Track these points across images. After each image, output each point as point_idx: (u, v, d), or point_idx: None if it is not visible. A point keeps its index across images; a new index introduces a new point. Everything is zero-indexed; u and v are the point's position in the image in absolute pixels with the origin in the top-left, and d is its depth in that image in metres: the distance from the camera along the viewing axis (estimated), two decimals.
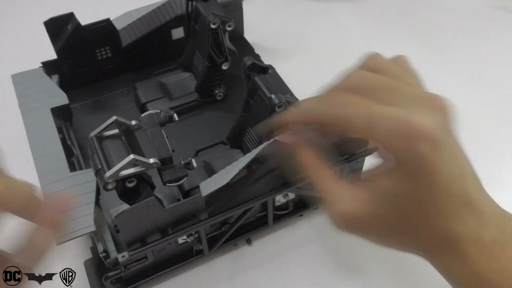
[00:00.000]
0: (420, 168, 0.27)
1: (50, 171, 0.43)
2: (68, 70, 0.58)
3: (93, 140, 0.39)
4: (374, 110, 0.28)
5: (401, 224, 0.29)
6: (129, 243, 0.40)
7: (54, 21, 0.55)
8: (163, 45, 0.62)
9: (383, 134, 0.27)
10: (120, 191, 0.39)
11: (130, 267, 0.42)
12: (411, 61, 0.32)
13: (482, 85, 0.64)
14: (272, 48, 0.70)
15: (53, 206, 0.31)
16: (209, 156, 0.50)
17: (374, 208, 0.29)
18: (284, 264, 0.47)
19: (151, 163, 0.38)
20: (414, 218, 0.28)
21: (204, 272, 0.46)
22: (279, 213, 0.48)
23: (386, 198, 0.28)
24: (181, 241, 0.44)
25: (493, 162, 0.55)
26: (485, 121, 0.59)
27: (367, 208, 0.29)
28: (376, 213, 0.29)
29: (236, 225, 0.45)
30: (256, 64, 0.46)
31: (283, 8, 0.78)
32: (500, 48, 0.69)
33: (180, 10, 0.60)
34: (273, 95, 0.43)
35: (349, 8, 0.77)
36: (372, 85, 0.29)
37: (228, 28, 0.54)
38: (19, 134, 0.51)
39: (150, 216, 0.39)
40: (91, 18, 0.57)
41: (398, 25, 0.74)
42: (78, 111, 0.58)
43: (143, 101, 0.57)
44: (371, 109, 0.28)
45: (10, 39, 0.74)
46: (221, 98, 0.59)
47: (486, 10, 0.75)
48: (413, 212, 0.28)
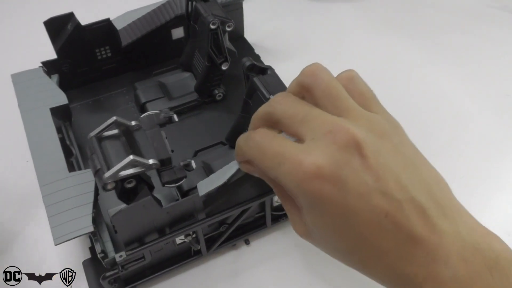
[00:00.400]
0: (329, 210, 0.25)
1: (49, 171, 0.43)
2: (68, 69, 0.58)
3: (93, 140, 0.39)
4: (277, 150, 0.27)
5: (351, 258, 0.27)
6: (126, 243, 0.40)
7: (54, 21, 0.55)
8: (163, 45, 0.62)
9: (284, 177, 0.26)
10: (119, 191, 0.39)
11: (128, 267, 0.42)
12: (357, 77, 0.30)
13: (482, 85, 0.64)
14: (272, 48, 0.70)
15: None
16: (208, 157, 0.50)
17: (319, 237, 0.28)
18: (282, 265, 0.47)
19: (150, 164, 0.38)
20: (360, 254, 0.26)
21: (202, 273, 0.46)
22: (277, 213, 0.48)
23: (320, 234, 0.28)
24: (179, 241, 0.44)
25: (493, 162, 0.55)
26: (484, 121, 0.59)
27: (312, 235, 0.29)
28: (321, 242, 0.28)
29: (234, 226, 0.46)
30: (255, 65, 0.46)
31: (284, 8, 0.78)
32: (500, 48, 0.69)
33: (180, 10, 0.60)
34: (272, 96, 0.43)
35: (350, 8, 0.77)
36: (283, 116, 0.28)
37: (227, 29, 0.54)
38: (18, 134, 0.51)
39: (147, 216, 0.39)
40: (91, 18, 0.57)
41: (398, 25, 0.74)
42: (77, 111, 0.58)
43: (143, 101, 0.57)
44: (274, 149, 0.27)
45: (10, 39, 0.74)
46: (220, 98, 0.59)
47: (486, 10, 0.75)
48: (354, 249, 0.26)
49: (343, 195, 0.25)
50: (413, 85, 0.64)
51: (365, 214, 0.25)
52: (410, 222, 0.24)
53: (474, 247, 0.25)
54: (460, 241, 0.25)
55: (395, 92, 0.62)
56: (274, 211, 0.48)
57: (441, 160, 0.29)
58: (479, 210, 0.27)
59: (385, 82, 0.63)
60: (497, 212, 0.50)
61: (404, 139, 0.28)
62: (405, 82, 0.64)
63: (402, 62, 0.67)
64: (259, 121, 0.31)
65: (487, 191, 0.52)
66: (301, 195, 0.26)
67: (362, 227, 0.25)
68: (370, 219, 0.25)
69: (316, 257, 0.47)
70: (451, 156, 0.55)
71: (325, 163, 0.25)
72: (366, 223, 0.25)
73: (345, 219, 0.25)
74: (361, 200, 0.25)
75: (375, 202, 0.25)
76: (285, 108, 0.29)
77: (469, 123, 0.59)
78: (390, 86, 0.62)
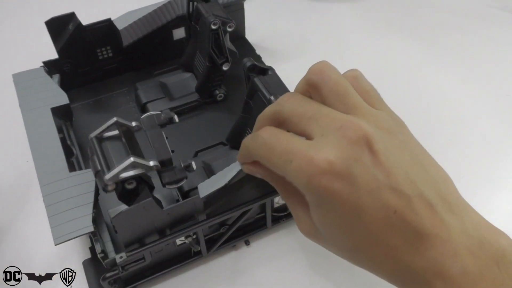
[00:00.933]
0: (338, 206, 0.25)
1: (50, 171, 0.43)
2: (69, 69, 0.58)
3: (93, 141, 0.39)
4: (286, 147, 0.27)
5: (358, 256, 0.27)
6: (127, 244, 0.40)
7: (56, 21, 0.55)
8: (164, 45, 0.62)
9: (293, 174, 0.26)
10: (119, 192, 0.39)
11: (128, 268, 0.42)
12: (362, 76, 0.30)
13: (482, 85, 0.64)
14: (273, 49, 0.70)
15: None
16: (208, 157, 0.50)
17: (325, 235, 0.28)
18: (282, 266, 0.47)
19: (151, 166, 0.38)
20: (367, 251, 0.26)
21: (202, 273, 0.46)
22: (277, 214, 0.48)
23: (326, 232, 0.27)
24: (179, 242, 0.44)
25: (493, 162, 0.55)
26: (485, 121, 0.59)
27: (318, 233, 0.28)
28: (327, 239, 0.28)
29: (235, 227, 0.46)
30: (256, 66, 0.46)
31: (285, 9, 0.78)
32: (500, 48, 0.69)
33: (181, 11, 0.60)
34: (273, 97, 0.43)
35: (350, 8, 0.77)
36: (291, 114, 0.28)
37: (228, 29, 0.54)
38: (19, 133, 0.51)
39: (147, 217, 0.39)
40: (92, 18, 0.57)
41: (398, 25, 0.74)
42: (78, 111, 0.58)
43: (144, 101, 0.57)
44: (283, 146, 0.27)
45: (12, 39, 0.74)
46: (221, 98, 0.59)
47: (486, 10, 0.75)
48: (361, 246, 0.26)
49: (353, 191, 0.25)
50: (413, 85, 0.64)
51: (374, 210, 0.25)
52: (419, 218, 0.24)
53: (482, 242, 0.25)
54: (467, 237, 0.25)
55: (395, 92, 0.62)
56: (274, 212, 0.48)
57: (441, 160, 0.29)
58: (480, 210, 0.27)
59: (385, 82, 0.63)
60: (498, 211, 0.50)
61: (410, 136, 0.29)
62: (405, 82, 0.64)
63: (402, 62, 0.67)
64: (265, 121, 0.30)
65: (488, 191, 0.52)
66: (311, 191, 0.26)
67: (370, 223, 0.25)
68: (379, 215, 0.25)
69: (317, 257, 0.47)
70: (452, 156, 0.55)
71: (336, 158, 0.25)
72: (375, 219, 0.25)
73: (354, 215, 0.25)
74: (371, 196, 0.25)
75: (385, 198, 0.25)
76: (293, 106, 0.29)
77: (469, 123, 0.59)
78: (390, 86, 0.62)
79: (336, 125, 0.26)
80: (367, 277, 0.46)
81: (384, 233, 0.25)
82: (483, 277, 0.24)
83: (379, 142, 0.25)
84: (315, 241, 0.30)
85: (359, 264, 0.28)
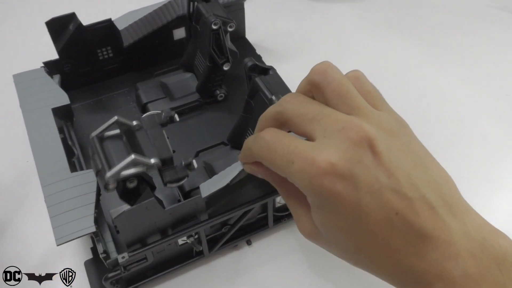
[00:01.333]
0: (340, 207, 0.25)
1: (51, 172, 0.43)
2: (69, 70, 0.58)
3: (94, 141, 0.39)
4: (288, 148, 0.27)
5: (359, 257, 0.27)
6: (129, 244, 0.40)
7: (56, 21, 0.55)
8: (164, 46, 0.62)
9: (295, 175, 0.26)
10: (120, 191, 0.39)
11: (130, 268, 0.42)
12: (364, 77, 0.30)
13: (482, 85, 0.64)
14: (274, 49, 0.70)
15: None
16: (209, 157, 0.50)
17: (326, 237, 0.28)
18: (284, 265, 0.47)
19: (152, 163, 0.38)
20: (368, 253, 0.26)
21: (204, 273, 0.46)
22: (279, 214, 0.48)
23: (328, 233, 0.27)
24: (181, 242, 0.44)
25: (493, 162, 0.55)
26: (485, 121, 0.59)
27: (319, 235, 0.28)
28: (328, 241, 0.28)
29: (236, 227, 0.45)
30: (257, 65, 0.46)
31: (285, 9, 0.78)
32: (500, 48, 0.69)
33: (181, 11, 0.60)
34: (274, 97, 0.43)
35: (350, 8, 0.77)
36: (293, 115, 0.28)
37: (229, 29, 0.54)
38: (20, 134, 0.51)
39: (150, 217, 0.39)
40: (92, 18, 0.57)
41: (398, 25, 0.74)
42: (79, 111, 0.58)
43: (144, 101, 0.57)
44: (285, 148, 0.27)
45: (12, 39, 0.74)
46: (222, 98, 0.59)
47: (486, 10, 0.75)
48: (362, 248, 0.26)
49: (355, 192, 0.25)
50: (413, 85, 0.64)
51: (376, 212, 0.25)
52: (421, 219, 0.24)
53: (483, 244, 0.25)
54: (469, 239, 0.25)
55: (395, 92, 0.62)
56: (276, 212, 0.48)
57: (442, 160, 0.29)
58: (480, 210, 0.27)
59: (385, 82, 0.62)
60: (498, 211, 0.50)
61: (412, 137, 0.29)
62: (405, 82, 0.64)
63: (402, 62, 0.67)
64: (267, 122, 0.30)
65: (488, 191, 0.52)
66: (312, 193, 0.26)
67: (372, 224, 0.25)
68: (381, 216, 0.25)
69: (318, 257, 0.47)
70: (452, 156, 0.55)
71: (339, 160, 0.25)
72: (377, 221, 0.25)
73: (356, 217, 0.25)
74: (373, 197, 0.25)
75: (387, 199, 0.25)
76: (295, 107, 0.28)
77: (469, 123, 0.59)
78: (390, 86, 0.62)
79: (338, 126, 0.26)
80: (367, 278, 0.46)
81: (385, 234, 0.25)
82: (485, 279, 0.24)
83: (381, 144, 0.25)
84: (316, 243, 0.30)
85: (360, 266, 0.28)
